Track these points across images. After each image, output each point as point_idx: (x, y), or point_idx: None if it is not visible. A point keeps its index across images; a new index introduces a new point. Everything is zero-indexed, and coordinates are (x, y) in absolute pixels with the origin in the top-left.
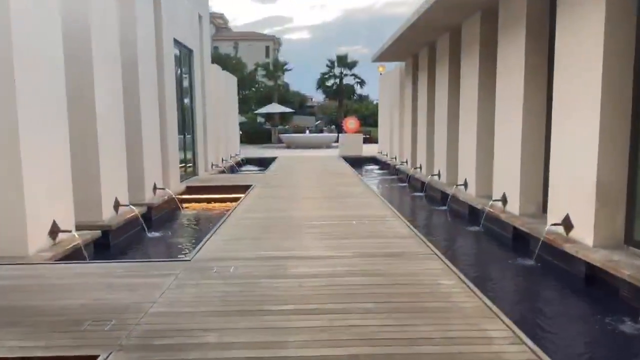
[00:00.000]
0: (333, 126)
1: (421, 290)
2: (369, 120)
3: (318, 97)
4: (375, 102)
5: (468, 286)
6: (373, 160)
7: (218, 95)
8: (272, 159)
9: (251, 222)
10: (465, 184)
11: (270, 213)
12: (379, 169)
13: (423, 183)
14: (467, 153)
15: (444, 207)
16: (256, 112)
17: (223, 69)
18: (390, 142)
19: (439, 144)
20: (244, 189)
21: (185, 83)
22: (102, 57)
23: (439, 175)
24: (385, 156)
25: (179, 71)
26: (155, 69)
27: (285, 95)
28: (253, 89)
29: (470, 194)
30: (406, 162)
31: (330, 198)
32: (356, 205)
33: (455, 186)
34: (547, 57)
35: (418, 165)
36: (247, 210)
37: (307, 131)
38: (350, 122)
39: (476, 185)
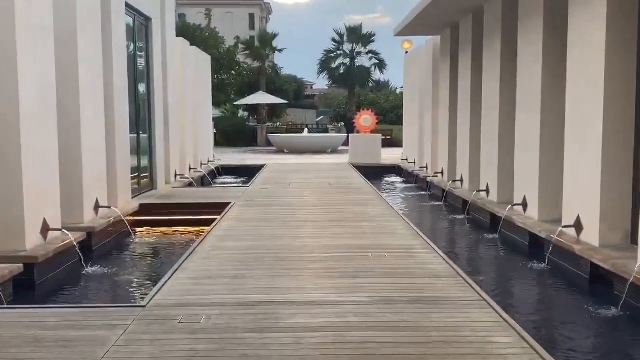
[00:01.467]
0: (341, 124)
1: (465, 351)
2: (390, 115)
3: (321, 83)
4: (399, 91)
5: (532, 347)
6: (396, 170)
7: (185, 80)
8: (259, 168)
9: (229, 253)
10: (524, 204)
11: (257, 241)
12: (404, 181)
13: (465, 202)
14: (525, 163)
15: (495, 235)
16: (237, 103)
17: (192, 44)
18: (420, 146)
19: (487, 150)
20: (220, 208)
21: (141, 64)
22: (28, 27)
23: (487, 191)
24: (412, 165)
25: (132, 47)
26: (101, 45)
27: (276, 81)
28: (233, 72)
29: (530, 218)
30: (441, 173)
31: (339, 222)
32: (374, 231)
33: (510, 206)
34: None
35: (458, 178)
36: (223, 237)
37: (306, 130)
38: (365, 119)
39: (539, 205)
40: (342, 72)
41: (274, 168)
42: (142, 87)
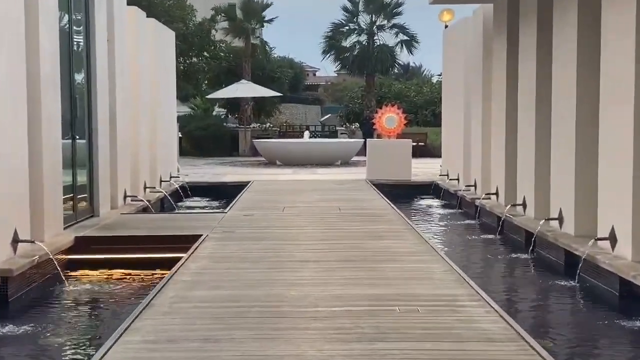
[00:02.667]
0: (355, 125)
1: None
2: (424, 113)
3: (327, 69)
4: (435, 80)
5: None
6: (432, 189)
7: (140, 65)
8: (241, 186)
9: (200, 307)
10: (612, 238)
11: (238, 290)
12: (444, 206)
13: (529, 234)
14: (611, 180)
15: (572, 282)
16: (211, 96)
17: (150, 16)
18: (465, 156)
19: (560, 160)
20: (187, 242)
21: (79, 43)
22: None
23: (559, 220)
24: (454, 182)
25: (65, 20)
26: (23, 17)
27: (265, 66)
28: (206, 53)
29: (622, 257)
30: (495, 194)
31: (352, 262)
32: (401, 275)
33: (593, 240)
34: None
35: (519, 202)
36: (192, 284)
37: (307, 134)
38: (389, 118)
39: (633, 242)
40: (356, 53)
41: (262, 187)
42: (79, 76)
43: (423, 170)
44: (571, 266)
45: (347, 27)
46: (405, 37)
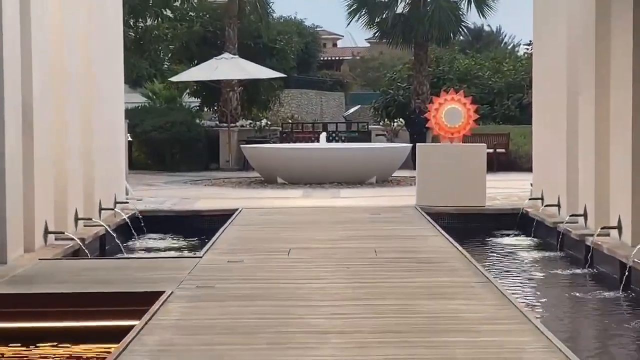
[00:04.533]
0: (399, 121)
1: None
2: (504, 103)
3: (354, 38)
4: (522, 53)
5: None
6: (518, 220)
7: (68, 35)
8: (224, 217)
9: None
10: None
11: None
12: (537, 246)
13: None
14: None
15: None
16: (177, 79)
17: None
18: (570, 171)
19: None
20: (141, 303)
21: None
22: None
23: None
24: (552, 211)
25: None
26: None
27: (259, 33)
28: (169, 12)
29: None
30: (617, 228)
31: (399, 335)
32: (478, 355)
33: None
34: None
35: None
36: None
37: (324, 136)
38: (451, 111)
39: None
40: (398, 12)
41: (256, 218)
42: None
43: (504, 191)
44: None
45: None
46: None
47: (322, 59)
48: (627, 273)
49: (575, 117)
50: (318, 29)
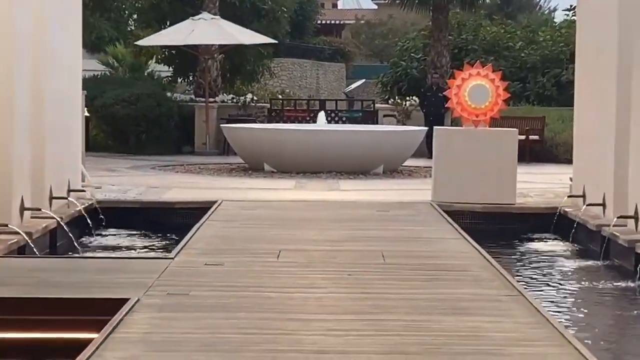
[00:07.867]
0: (412, 100)
1: None
2: (539, 80)
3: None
4: (561, 20)
5: None
6: (554, 222)
7: None
8: (200, 211)
9: None
10: None
11: None
12: (577, 252)
13: None
14: None
15: None
16: (143, 42)
17: None
18: (619, 164)
19: None
20: (101, 312)
21: None
22: None
23: None
24: (596, 211)
25: None
26: None
27: None
28: None
29: None
30: None
31: (414, 357)
32: None
33: None
34: None
35: None
36: None
37: (322, 115)
38: (476, 87)
39: None
40: None
41: (238, 212)
42: None
43: (538, 186)
44: None
45: None
46: None
47: (319, 22)
48: None
49: (628, 99)
50: None
